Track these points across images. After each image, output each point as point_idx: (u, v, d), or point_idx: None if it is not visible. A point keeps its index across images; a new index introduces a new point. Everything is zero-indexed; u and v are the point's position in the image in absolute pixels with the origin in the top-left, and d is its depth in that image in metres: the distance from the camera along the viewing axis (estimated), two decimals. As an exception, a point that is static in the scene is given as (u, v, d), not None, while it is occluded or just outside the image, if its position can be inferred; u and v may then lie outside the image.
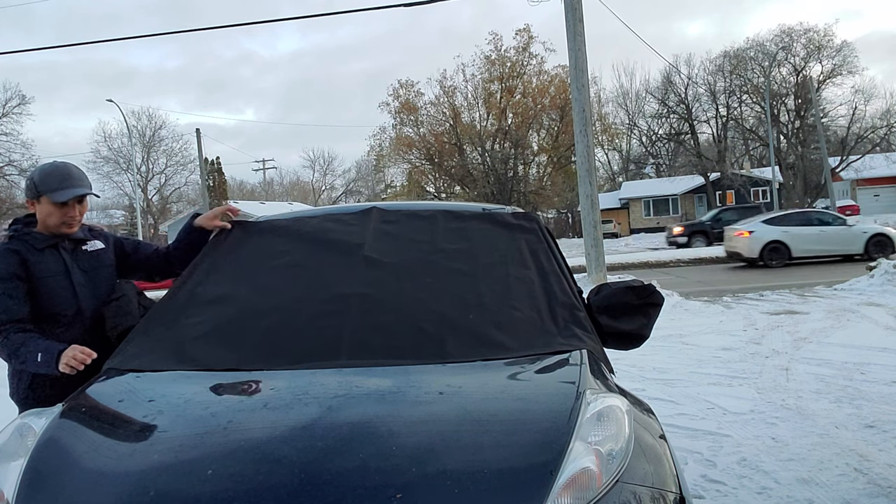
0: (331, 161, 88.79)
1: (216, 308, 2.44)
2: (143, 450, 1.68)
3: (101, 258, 2.71)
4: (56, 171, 2.56)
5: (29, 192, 2.59)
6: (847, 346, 6.75)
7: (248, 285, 2.56)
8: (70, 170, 2.60)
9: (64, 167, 2.60)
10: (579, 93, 11.65)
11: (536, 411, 1.79)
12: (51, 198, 2.52)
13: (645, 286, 2.57)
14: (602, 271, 11.71)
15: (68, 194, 2.53)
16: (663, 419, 2.21)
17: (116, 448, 1.72)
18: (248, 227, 2.95)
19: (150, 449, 1.68)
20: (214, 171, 44.79)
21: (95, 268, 2.67)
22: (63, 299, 2.53)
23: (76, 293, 2.55)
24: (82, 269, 2.62)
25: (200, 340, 2.28)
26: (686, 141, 45.69)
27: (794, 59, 39.52)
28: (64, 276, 2.55)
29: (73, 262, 2.60)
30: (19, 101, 36.46)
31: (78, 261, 2.62)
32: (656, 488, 1.61)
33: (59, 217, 2.55)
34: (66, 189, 2.53)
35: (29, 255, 2.52)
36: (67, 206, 2.55)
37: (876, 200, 47.35)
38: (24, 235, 2.57)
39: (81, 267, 2.62)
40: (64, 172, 2.57)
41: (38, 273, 2.50)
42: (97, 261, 2.69)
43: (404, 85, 40.78)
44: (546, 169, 41.94)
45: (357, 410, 1.78)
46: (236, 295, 2.51)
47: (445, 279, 2.51)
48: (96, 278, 2.65)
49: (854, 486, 3.39)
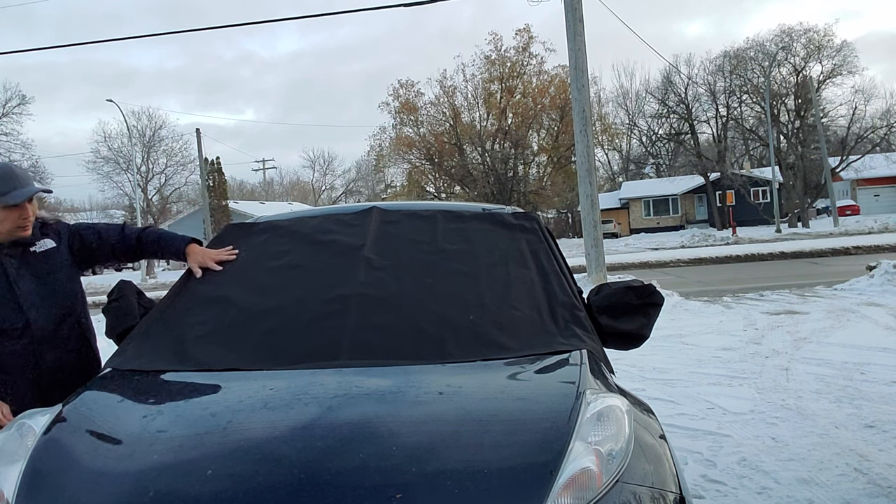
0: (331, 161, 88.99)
1: (216, 308, 2.44)
2: (143, 450, 1.67)
3: (53, 259, 2.51)
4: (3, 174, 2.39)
5: None
6: (847, 346, 6.75)
7: (248, 285, 2.56)
8: (13, 170, 2.43)
9: (6, 168, 2.43)
10: (579, 93, 11.65)
11: (536, 411, 1.79)
12: (2, 201, 2.33)
13: (645, 286, 2.57)
14: (602, 271, 11.72)
15: (22, 195, 2.35)
16: (663, 419, 2.21)
17: (116, 448, 1.72)
18: (248, 228, 2.95)
19: (149, 449, 1.67)
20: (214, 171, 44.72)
21: (48, 272, 2.47)
22: (9, 313, 2.35)
23: (20, 305, 2.37)
24: (35, 274, 2.43)
25: (200, 340, 2.28)
26: (686, 141, 45.71)
27: (794, 59, 39.57)
28: (6, 289, 2.36)
29: (22, 268, 2.41)
30: (19, 101, 36.44)
31: (29, 266, 2.43)
32: (656, 488, 1.61)
33: (13, 221, 2.37)
34: (17, 190, 2.35)
35: None
36: (20, 207, 2.37)
37: (876, 200, 47.35)
38: None
39: (34, 272, 2.43)
40: (8, 173, 2.39)
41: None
42: (49, 263, 2.49)
43: (404, 85, 40.85)
44: (546, 169, 41.96)
45: (357, 410, 1.78)
46: (236, 295, 2.51)
47: (446, 279, 2.51)
48: (51, 283, 2.46)
49: (854, 486, 3.39)
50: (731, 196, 40.06)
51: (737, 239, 29.54)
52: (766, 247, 22.84)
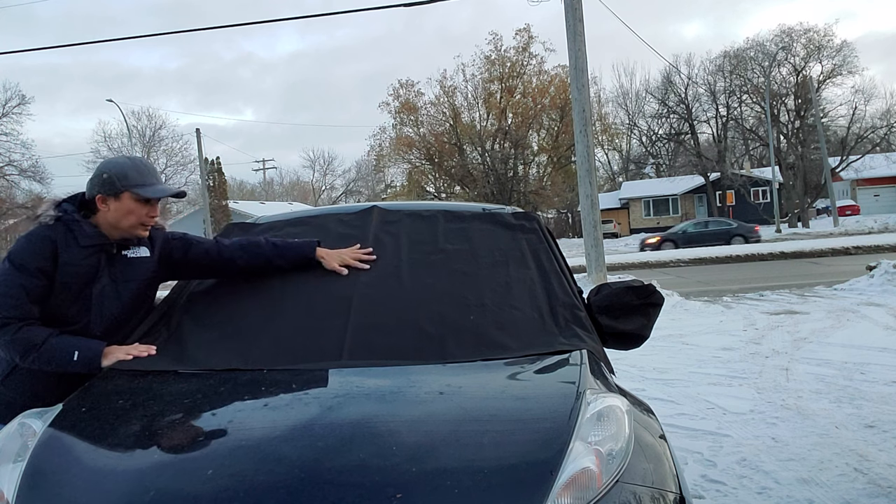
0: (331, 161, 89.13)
1: (216, 308, 2.44)
2: (143, 449, 1.67)
3: (139, 269, 2.38)
4: (141, 166, 2.30)
5: (106, 187, 2.24)
6: (847, 346, 6.74)
7: (248, 285, 2.56)
8: (152, 166, 2.35)
9: (147, 162, 2.34)
10: (579, 93, 11.65)
11: (536, 411, 1.79)
12: (139, 193, 2.23)
13: (645, 286, 2.57)
14: (602, 271, 11.72)
15: (163, 191, 2.29)
16: (663, 419, 2.20)
17: (116, 448, 1.72)
18: (248, 227, 2.95)
19: (150, 449, 1.68)
20: (214, 171, 44.77)
21: (128, 279, 2.34)
22: (76, 309, 2.24)
23: (90, 305, 2.26)
24: (112, 277, 2.30)
25: (201, 340, 2.28)
26: (686, 141, 45.72)
27: (794, 59, 39.61)
28: (87, 284, 2.24)
29: (106, 268, 2.29)
30: (19, 101, 36.44)
31: (112, 267, 2.30)
32: (656, 488, 1.61)
33: (139, 217, 2.27)
34: (155, 185, 2.28)
35: (64, 248, 2.20)
36: (151, 204, 2.29)
37: (876, 200, 47.35)
38: (73, 223, 2.23)
39: (112, 275, 2.30)
40: (150, 167, 2.31)
41: (64, 274, 2.19)
42: (134, 271, 2.36)
43: (404, 85, 40.88)
44: (546, 169, 41.98)
45: (357, 410, 1.78)
46: (237, 295, 2.51)
47: (446, 279, 2.51)
48: (123, 290, 2.33)
49: (854, 486, 3.39)
50: (731, 196, 40.12)
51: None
52: (766, 247, 22.84)
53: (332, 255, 2.53)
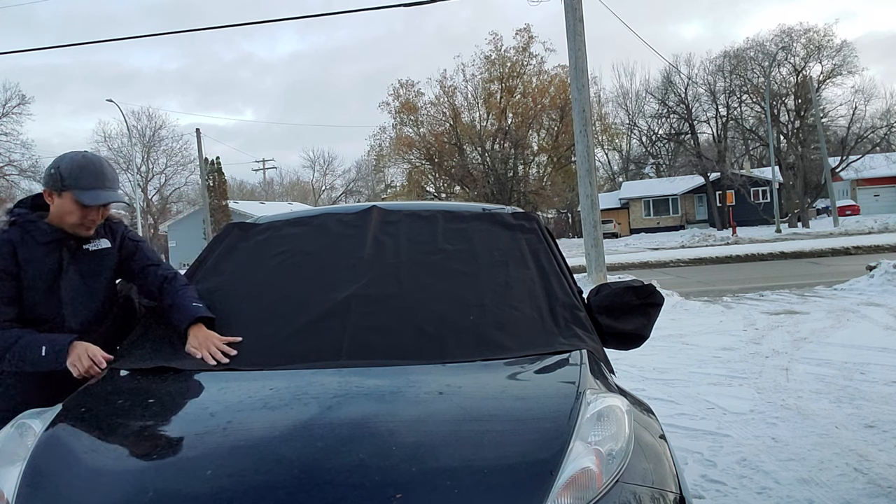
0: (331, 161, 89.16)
1: (216, 308, 2.44)
2: (143, 450, 1.68)
3: (104, 260, 2.39)
4: (90, 167, 2.24)
5: (51, 183, 2.23)
6: (847, 346, 6.74)
7: (247, 285, 2.56)
8: (104, 168, 2.28)
9: (98, 163, 2.28)
10: (579, 93, 11.65)
11: (536, 411, 1.79)
12: (77, 197, 2.21)
13: (645, 286, 2.57)
14: (602, 271, 11.72)
15: (98, 198, 2.23)
16: (663, 419, 2.20)
17: (116, 448, 1.72)
18: (248, 228, 2.95)
19: (149, 449, 1.68)
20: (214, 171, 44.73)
21: (96, 273, 2.35)
22: (46, 306, 2.25)
23: (61, 299, 2.26)
24: (80, 272, 2.31)
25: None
26: (686, 141, 45.72)
27: (794, 59, 39.60)
28: (54, 280, 2.25)
29: (72, 263, 2.30)
30: (19, 101, 36.49)
31: (77, 262, 2.31)
32: (656, 488, 1.61)
33: (79, 218, 2.25)
34: (96, 191, 2.23)
35: (23, 248, 2.22)
36: (91, 209, 2.26)
37: (876, 200, 47.36)
38: (28, 224, 2.25)
39: (80, 270, 2.31)
40: (98, 169, 2.25)
41: (28, 273, 2.21)
42: (100, 263, 2.37)
43: (404, 85, 40.85)
44: (546, 169, 41.96)
45: (357, 410, 1.78)
46: (236, 295, 2.51)
47: (446, 279, 2.51)
48: (94, 284, 2.35)
49: (854, 486, 3.39)
50: (731, 196, 40.06)
51: (737, 239, 29.54)
52: (766, 247, 22.83)
53: (199, 333, 2.25)
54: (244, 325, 2.33)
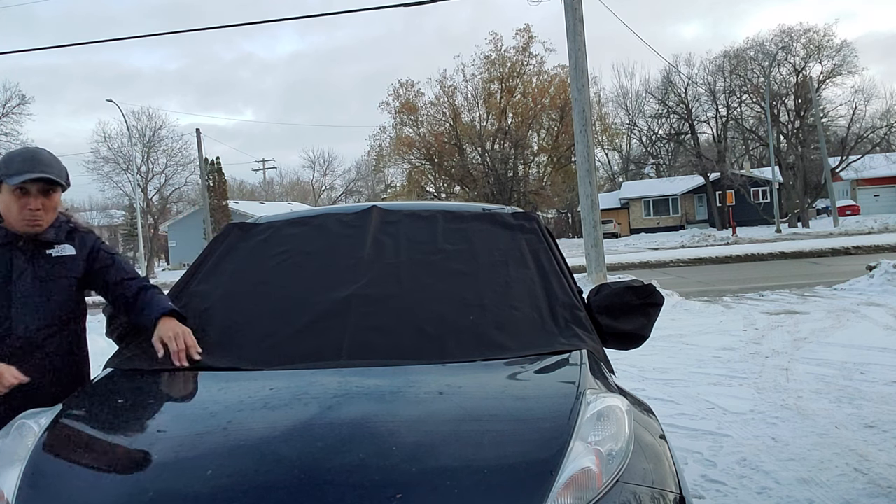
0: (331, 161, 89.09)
1: (216, 308, 2.44)
2: (143, 450, 1.68)
3: (65, 267, 2.27)
4: (24, 154, 2.16)
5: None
6: (847, 346, 6.74)
7: (248, 285, 2.56)
8: (39, 154, 2.17)
9: (33, 150, 2.18)
10: (579, 93, 11.65)
11: (536, 411, 1.79)
12: (7, 182, 2.11)
13: (645, 286, 2.57)
14: (602, 271, 11.72)
15: (21, 177, 2.09)
16: (663, 419, 2.20)
17: (116, 448, 1.72)
18: (248, 228, 2.95)
19: (149, 449, 1.68)
20: (214, 171, 44.68)
21: (54, 277, 2.24)
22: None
23: (10, 306, 2.15)
24: (38, 276, 2.21)
25: (200, 340, 2.28)
26: (686, 141, 45.72)
27: (794, 59, 39.59)
28: (5, 285, 2.16)
29: (28, 267, 2.20)
30: (19, 100, 36.43)
31: (35, 267, 2.21)
32: (656, 488, 1.61)
33: (18, 210, 2.14)
34: (24, 173, 2.10)
35: None
36: (28, 196, 2.13)
37: (876, 200, 47.35)
38: None
39: (37, 274, 2.21)
40: (31, 156, 2.15)
41: None
42: (60, 268, 2.26)
43: (404, 85, 40.86)
44: (546, 169, 41.97)
45: (357, 410, 1.78)
46: (236, 295, 2.51)
47: (446, 279, 2.51)
48: (52, 288, 2.23)
49: (854, 486, 3.39)
50: (731, 196, 40.05)
51: (737, 239, 29.54)
52: (766, 247, 22.83)
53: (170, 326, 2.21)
54: (244, 325, 2.33)
